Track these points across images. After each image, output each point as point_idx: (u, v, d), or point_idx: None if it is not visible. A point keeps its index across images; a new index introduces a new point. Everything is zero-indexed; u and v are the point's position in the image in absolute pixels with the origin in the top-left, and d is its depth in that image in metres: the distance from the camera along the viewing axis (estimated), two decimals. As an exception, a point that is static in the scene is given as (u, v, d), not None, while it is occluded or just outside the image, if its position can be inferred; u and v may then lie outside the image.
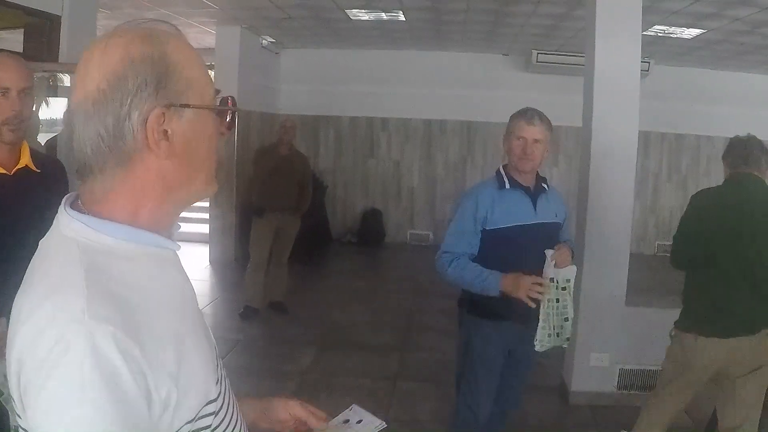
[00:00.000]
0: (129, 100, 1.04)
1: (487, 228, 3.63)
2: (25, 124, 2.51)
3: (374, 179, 12.45)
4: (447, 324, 7.44)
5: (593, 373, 5.40)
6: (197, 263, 9.66)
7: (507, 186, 3.75)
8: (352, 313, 7.81)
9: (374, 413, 1.66)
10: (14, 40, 5.69)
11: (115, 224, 1.07)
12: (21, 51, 5.41)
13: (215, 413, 1.12)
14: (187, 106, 1.09)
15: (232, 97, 1.29)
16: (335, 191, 12.37)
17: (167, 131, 1.07)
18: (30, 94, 2.50)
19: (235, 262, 9.60)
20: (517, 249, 3.56)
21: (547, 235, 3.69)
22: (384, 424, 1.58)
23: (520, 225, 3.65)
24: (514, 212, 3.67)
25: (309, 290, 8.61)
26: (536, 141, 3.71)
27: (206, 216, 10.30)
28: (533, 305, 3.40)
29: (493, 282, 3.45)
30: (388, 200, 12.47)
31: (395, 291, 9.05)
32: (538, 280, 3.39)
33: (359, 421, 1.60)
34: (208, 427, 1.10)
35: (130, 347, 0.94)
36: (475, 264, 3.57)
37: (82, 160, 1.09)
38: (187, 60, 1.11)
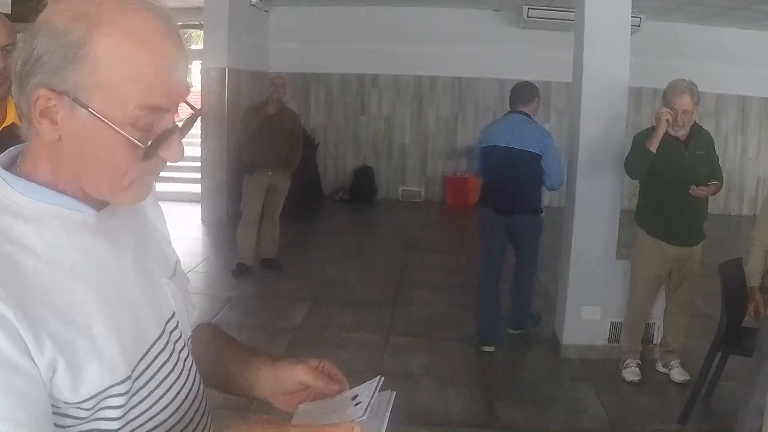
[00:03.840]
0: (30, 65, 0.98)
1: None
2: (10, 80, 2.50)
3: (365, 136, 12.42)
4: (438, 279, 7.52)
5: (584, 326, 5.45)
6: (189, 222, 9.64)
7: None
8: (344, 270, 7.84)
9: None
10: (2, 2, 5.62)
11: (28, 182, 1.03)
12: (9, 13, 5.35)
13: (127, 393, 1.03)
14: (85, 107, 0.97)
15: (185, 120, 1.12)
16: (326, 149, 12.34)
17: (57, 116, 0.99)
18: (13, 51, 2.48)
19: (228, 220, 9.59)
20: None
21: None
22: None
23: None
24: None
25: (301, 247, 8.63)
26: None
27: (198, 175, 10.25)
28: None
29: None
30: (379, 157, 12.45)
31: (387, 247, 9.08)
32: None
33: (358, 403, 1.24)
34: (118, 407, 1.02)
35: (2, 310, 0.88)
36: None
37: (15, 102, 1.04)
38: (116, 58, 0.97)
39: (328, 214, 11.39)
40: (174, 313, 1.21)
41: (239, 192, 7.46)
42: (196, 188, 10.31)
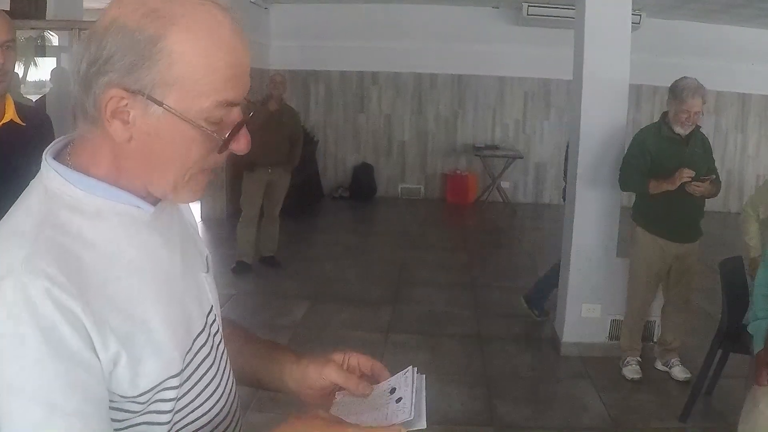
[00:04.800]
0: (98, 64, 0.97)
1: None
2: (9, 77, 2.49)
3: (365, 134, 12.40)
4: (438, 276, 7.52)
5: (585, 324, 5.45)
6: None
7: None
8: (344, 267, 7.83)
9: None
10: (2, -1, 5.61)
11: (87, 177, 1.03)
12: (8, 9, 5.34)
13: (179, 387, 1.06)
14: (160, 104, 0.97)
15: (248, 120, 1.10)
16: (326, 146, 12.33)
17: (128, 116, 0.99)
18: (12, 48, 2.46)
19: (227, 217, 9.58)
20: None
21: None
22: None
23: None
24: None
25: (301, 245, 8.62)
26: None
27: (197, 172, 10.20)
28: None
29: None
30: (378, 154, 12.44)
31: (387, 245, 9.08)
32: None
33: (399, 399, 1.23)
34: (171, 400, 1.05)
35: (68, 304, 0.90)
36: None
37: (73, 101, 1.05)
38: (191, 55, 0.97)
39: (328, 212, 11.38)
40: (212, 306, 1.25)
41: (239, 189, 7.45)
42: (196, 185, 10.23)
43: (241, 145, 1.07)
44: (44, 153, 1.06)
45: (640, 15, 10.15)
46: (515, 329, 6.02)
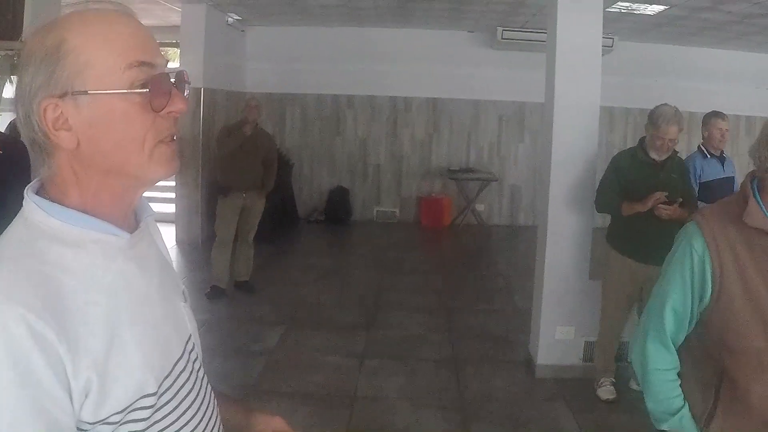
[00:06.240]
0: (28, 95, 1.05)
1: None
2: None
3: (340, 157, 12.39)
4: (413, 300, 7.51)
5: (559, 346, 5.47)
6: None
7: None
8: (319, 292, 7.80)
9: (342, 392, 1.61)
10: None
11: (63, 208, 1.07)
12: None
13: (153, 407, 1.08)
14: (84, 92, 1.04)
15: (175, 72, 1.17)
16: (301, 169, 12.30)
17: (67, 121, 1.05)
18: None
19: (202, 241, 9.53)
20: None
21: None
22: None
23: None
24: None
25: (276, 269, 8.59)
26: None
27: (172, 195, 10.18)
28: None
29: None
30: (354, 178, 12.43)
31: (362, 269, 9.06)
32: None
33: None
34: (143, 420, 1.07)
35: (43, 331, 0.92)
36: None
37: (29, 146, 1.12)
38: (90, 41, 1.05)
39: (303, 236, 11.34)
40: (191, 335, 1.29)
41: (214, 213, 7.42)
42: (171, 208, 10.21)
43: (177, 104, 1.12)
44: (26, 189, 1.10)
45: (613, 39, 10.28)
46: (490, 352, 6.03)
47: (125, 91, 1.06)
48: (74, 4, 1.09)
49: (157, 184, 1.19)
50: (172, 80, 1.14)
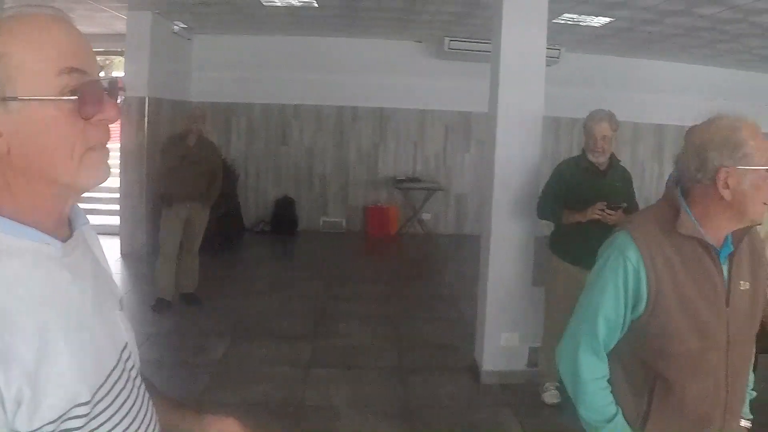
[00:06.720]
0: None
1: None
2: None
3: (286, 167, 12.34)
4: (359, 309, 7.52)
5: (504, 352, 5.53)
6: (108, 256, 9.29)
7: None
8: (265, 302, 7.74)
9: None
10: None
11: None
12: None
13: (87, 416, 1.07)
14: (14, 98, 1.03)
15: (108, 80, 1.15)
16: (247, 180, 12.22)
17: None
18: None
19: (146, 253, 9.39)
20: None
21: None
22: None
23: None
24: None
25: (222, 280, 8.51)
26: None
27: (116, 207, 10.03)
28: None
29: None
30: (300, 188, 12.39)
31: (308, 279, 9.01)
32: None
33: None
34: (78, 429, 1.05)
35: None
36: None
37: None
38: (22, 46, 1.04)
39: (249, 246, 11.26)
40: (126, 343, 1.27)
41: (158, 224, 7.33)
42: (115, 220, 10.02)
43: (108, 112, 1.12)
44: None
45: (559, 50, 10.45)
46: (436, 360, 6.06)
47: (54, 98, 1.05)
48: (10, 8, 1.08)
49: (93, 193, 1.18)
50: (105, 87, 1.12)
